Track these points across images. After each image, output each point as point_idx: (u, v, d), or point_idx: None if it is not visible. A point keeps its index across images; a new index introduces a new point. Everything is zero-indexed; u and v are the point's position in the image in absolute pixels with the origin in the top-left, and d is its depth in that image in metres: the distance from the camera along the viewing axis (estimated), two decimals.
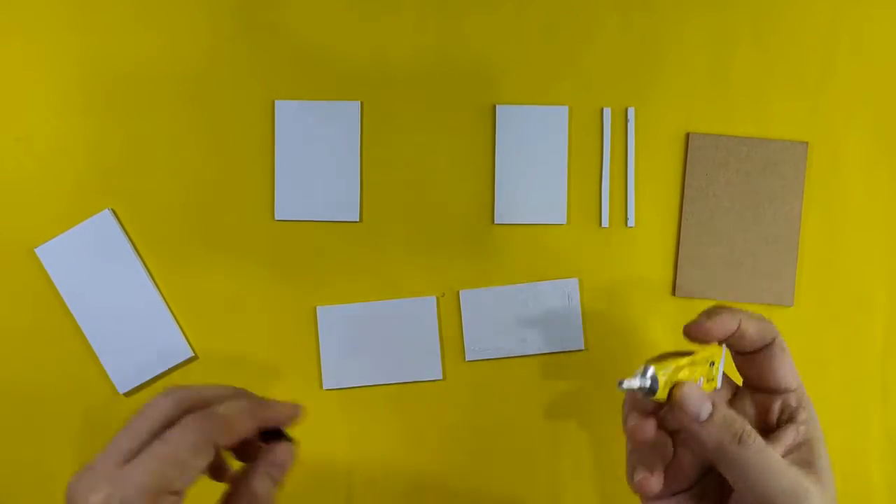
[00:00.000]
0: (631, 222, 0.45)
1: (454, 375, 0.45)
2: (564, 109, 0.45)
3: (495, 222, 0.45)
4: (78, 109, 0.45)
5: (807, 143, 0.45)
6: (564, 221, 0.45)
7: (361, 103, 0.45)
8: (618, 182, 0.45)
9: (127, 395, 0.45)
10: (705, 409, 0.32)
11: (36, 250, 0.44)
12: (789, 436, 0.33)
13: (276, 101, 0.45)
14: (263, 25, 0.45)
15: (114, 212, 0.45)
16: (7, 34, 0.45)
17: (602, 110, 0.45)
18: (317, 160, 0.45)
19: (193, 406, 0.34)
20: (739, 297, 0.45)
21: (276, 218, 0.45)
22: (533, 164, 0.45)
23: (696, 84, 0.45)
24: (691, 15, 0.45)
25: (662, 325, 0.45)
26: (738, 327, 0.34)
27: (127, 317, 0.44)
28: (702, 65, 0.45)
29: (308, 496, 0.45)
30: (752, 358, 0.35)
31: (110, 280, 0.44)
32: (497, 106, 0.45)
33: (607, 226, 0.45)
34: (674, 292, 0.45)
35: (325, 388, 0.45)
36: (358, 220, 0.45)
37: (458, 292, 0.45)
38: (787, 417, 0.34)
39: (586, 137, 0.45)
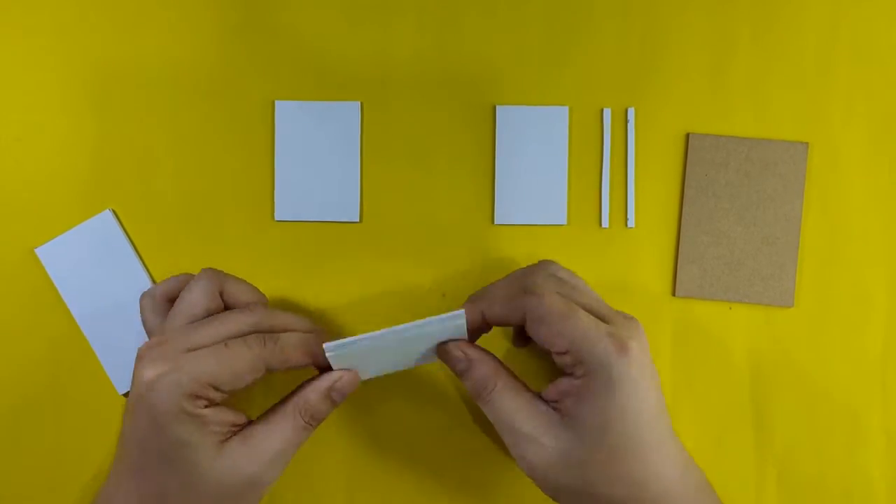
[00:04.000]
0: (631, 222, 0.45)
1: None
2: (564, 109, 0.45)
3: (495, 222, 0.45)
4: (78, 109, 0.45)
5: (807, 143, 0.45)
6: (564, 222, 0.45)
7: (361, 103, 0.45)
8: (618, 182, 0.45)
9: (126, 395, 0.45)
10: (459, 368, 0.38)
11: (36, 250, 0.44)
12: (564, 383, 0.36)
13: (276, 101, 0.45)
14: (263, 25, 0.45)
15: (114, 212, 0.45)
16: (7, 34, 0.45)
17: (602, 110, 0.45)
18: (317, 160, 0.45)
19: (263, 327, 0.38)
20: (739, 297, 0.45)
21: (276, 218, 0.45)
22: (533, 164, 0.45)
23: (696, 84, 0.45)
24: (691, 15, 0.45)
25: (662, 325, 0.45)
26: (483, 317, 0.38)
27: (127, 317, 0.44)
28: (702, 65, 0.45)
29: (308, 496, 0.45)
30: (522, 328, 0.38)
31: (110, 280, 0.44)
32: (497, 106, 0.45)
33: (607, 226, 0.45)
34: (674, 292, 0.45)
35: None
36: (358, 220, 0.45)
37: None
38: (568, 371, 0.36)
39: (586, 137, 0.45)
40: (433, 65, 0.45)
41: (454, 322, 0.36)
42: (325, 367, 0.38)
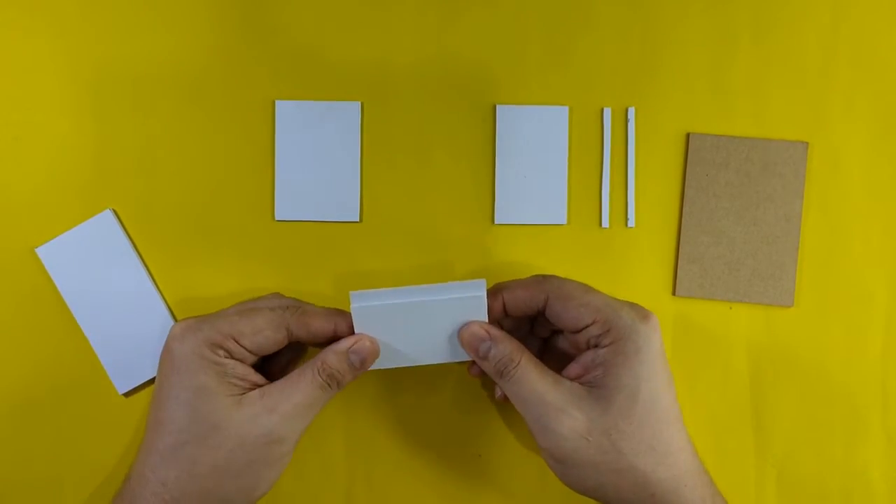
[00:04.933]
0: (631, 222, 0.45)
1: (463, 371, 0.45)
2: (564, 109, 0.45)
3: (495, 222, 0.45)
4: (78, 109, 0.45)
5: (807, 143, 0.45)
6: (564, 221, 0.45)
7: (361, 103, 0.45)
8: (618, 182, 0.45)
9: (126, 395, 0.45)
10: (483, 348, 0.38)
11: (36, 250, 0.44)
12: (587, 358, 0.38)
13: (276, 101, 0.45)
14: (263, 25, 0.45)
15: (115, 212, 0.45)
16: (7, 34, 0.45)
17: (602, 110, 0.45)
18: (317, 160, 0.45)
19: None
20: (739, 297, 0.45)
21: (276, 218, 0.45)
22: (533, 164, 0.45)
23: (696, 84, 0.45)
24: (691, 15, 0.45)
25: (662, 325, 0.45)
26: (503, 305, 0.39)
27: (127, 317, 0.44)
28: (702, 65, 0.45)
29: (308, 496, 0.45)
30: (542, 314, 0.39)
31: (111, 280, 0.44)
32: (497, 106, 0.45)
33: (607, 226, 0.45)
34: (674, 292, 0.45)
35: None
36: (358, 220, 0.45)
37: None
38: (593, 343, 0.38)
39: (586, 137, 0.45)
40: (433, 65, 0.45)
41: (475, 293, 0.38)
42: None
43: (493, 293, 0.40)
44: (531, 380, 0.37)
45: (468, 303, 0.38)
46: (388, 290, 0.38)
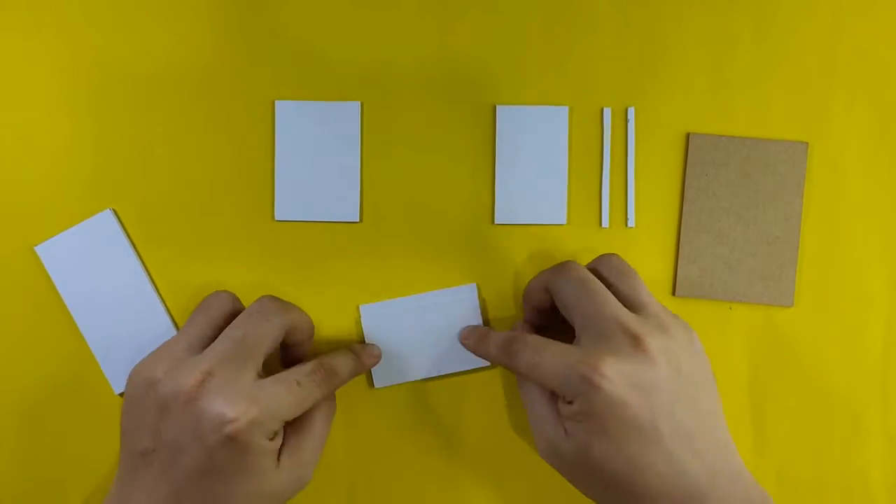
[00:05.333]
0: (631, 222, 0.45)
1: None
2: (564, 109, 0.45)
3: (495, 222, 0.45)
4: (78, 109, 0.45)
5: (807, 143, 0.45)
6: (564, 221, 0.45)
7: (361, 103, 0.45)
8: (618, 182, 0.45)
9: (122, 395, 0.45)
10: (471, 337, 0.43)
11: (36, 249, 0.44)
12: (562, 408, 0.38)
13: (276, 101, 0.45)
14: (263, 25, 0.45)
15: (115, 212, 0.45)
16: (7, 34, 0.45)
17: (602, 110, 0.45)
18: (317, 160, 0.45)
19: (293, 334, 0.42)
20: (739, 297, 0.45)
21: (276, 218, 0.45)
22: (533, 164, 0.45)
23: (696, 84, 0.45)
24: (691, 15, 0.45)
25: None
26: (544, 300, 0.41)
27: (125, 317, 0.44)
28: (702, 65, 0.45)
29: (308, 496, 0.45)
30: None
31: (110, 280, 0.44)
32: (497, 106, 0.45)
33: (607, 226, 0.45)
34: (674, 292, 0.45)
35: None
36: (358, 220, 0.45)
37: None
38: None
39: (586, 137, 0.45)
40: (433, 65, 0.45)
41: (468, 294, 0.44)
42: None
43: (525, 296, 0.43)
44: (529, 395, 0.40)
45: (462, 299, 0.43)
46: (392, 300, 0.44)
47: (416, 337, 0.44)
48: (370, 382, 0.45)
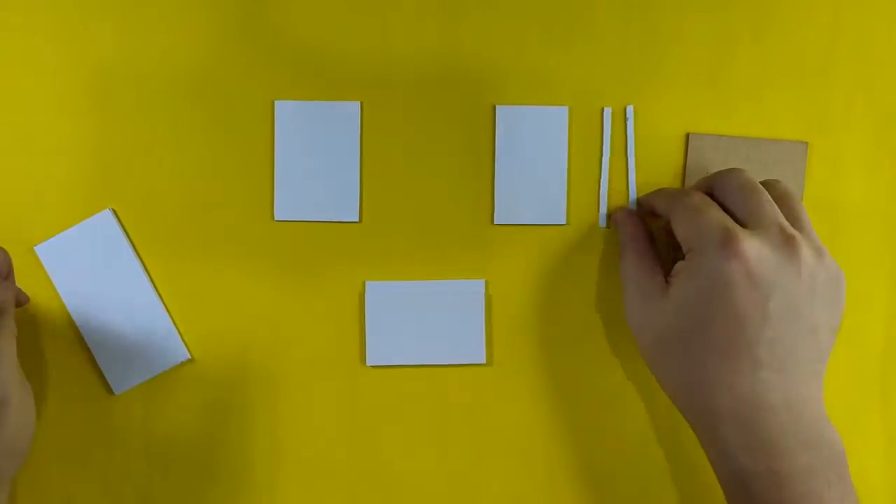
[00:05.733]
0: None
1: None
2: (564, 109, 0.45)
3: (495, 222, 0.45)
4: (78, 109, 0.45)
5: (807, 143, 0.45)
6: (564, 222, 0.45)
7: (361, 103, 0.45)
8: (618, 182, 0.45)
9: (122, 395, 0.45)
10: (617, 219, 0.44)
11: (35, 248, 0.44)
12: (678, 264, 0.40)
13: (276, 101, 0.45)
14: (263, 25, 0.45)
15: (114, 212, 0.45)
16: (7, 34, 0.45)
17: (602, 110, 0.45)
18: (317, 160, 0.45)
19: None
20: None
21: (276, 218, 0.45)
22: (533, 164, 0.45)
23: (696, 84, 0.45)
24: (691, 15, 0.45)
25: None
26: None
27: (124, 318, 0.44)
28: (702, 65, 0.45)
29: (308, 496, 0.45)
30: None
31: (109, 280, 0.44)
32: (497, 106, 0.45)
33: (607, 226, 0.45)
34: None
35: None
36: (358, 220, 0.45)
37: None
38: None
39: (586, 137, 0.45)
40: (433, 65, 0.45)
41: (476, 288, 0.44)
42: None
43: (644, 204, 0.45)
44: (627, 265, 0.42)
45: (468, 298, 0.44)
46: (400, 282, 0.45)
47: (417, 321, 0.45)
48: (363, 359, 0.45)
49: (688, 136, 0.45)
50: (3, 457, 0.38)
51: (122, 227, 0.45)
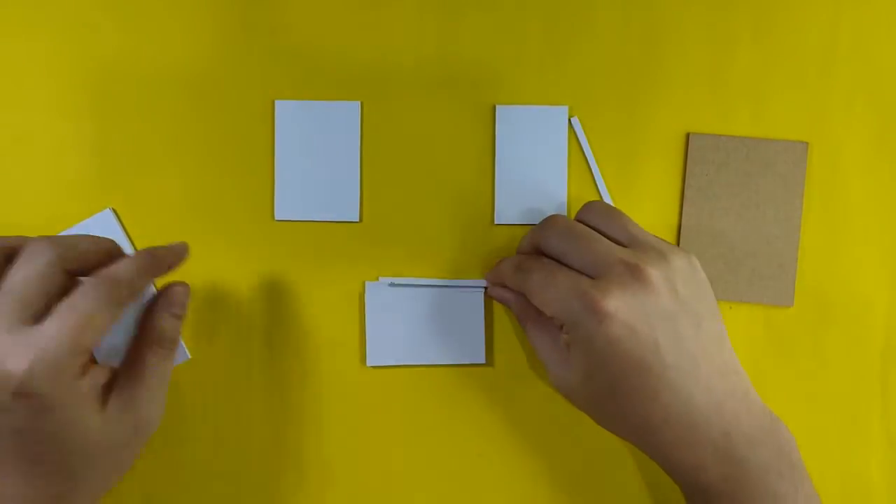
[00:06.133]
0: None
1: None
2: (564, 109, 0.45)
3: (495, 222, 0.45)
4: (78, 109, 0.45)
5: (807, 143, 0.45)
6: None
7: (361, 103, 0.45)
8: (618, 182, 0.45)
9: None
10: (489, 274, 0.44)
11: None
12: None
13: (276, 101, 0.45)
14: (263, 25, 0.45)
15: (114, 211, 0.45)
16: (7, 34, 0.45)
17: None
18: (317, 160, 0.45)
19: (74, 263, 0.36)
20: (739, 297, 0.45)
21: (276, 218, 0.45)
22: (533, 164, 0.45)
23: (696, 84, 0.45)
24: (691, 15, 0.45)
25: None
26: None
27: (125, 317, 0.44)
28: (702, 65, 0.45)
29: (308, 495, 0.45)
30: None
31: None
32: (497, 106, 0.45)
33: None
34: None
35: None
36: (358, 220, 0.45)
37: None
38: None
39: (586, 137, 0.45)
40: (433, 65, 0.45)
41: (476, 289, 0.44)
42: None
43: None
44: (531, 337, 0.42)
45: (469, 299, 0.44)
46: (399, 278, 0.44)
47: (417, 322, 0.45)
48: (363, 360, 0.45)
49: (688, 136, 0.45)
50: (117, 474, 0.39)
51: (123, 226, 0.45)
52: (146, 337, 0.40)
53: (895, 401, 0.45)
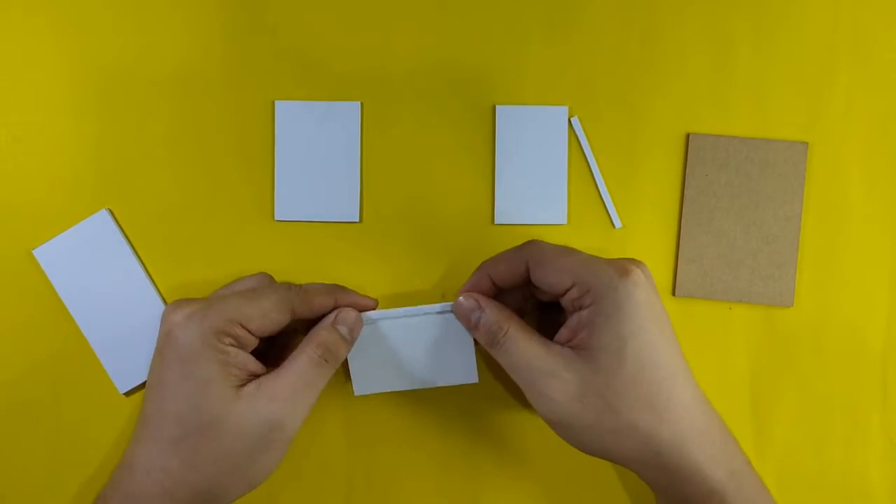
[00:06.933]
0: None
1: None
2: (564, 109, 0.45)
3: (495, 222, 0.45)
4: (76, 109, 0.45)
5: (807, 143, 0.45)
6: (564, 222, 0.45)
7: (361, 103, 0.45)
8: (618, 182, 0.45)
9: (127, 394, 0.45)
10: (473, 317, 0.39)
11: (34, 252, 0.44)
12: (573, 320, 0.37)
13: (276, 101, 0.45)
14: (263, 26, 0.45)
15: (111, 212, 0.45)
16: (8, 34, 0.45)
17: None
18: (317, 160, 0.45)
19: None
20: (739, 297, 0.45)
21: (276, 218, 0.45)
22: (533, 164, 0.45)
23: (696, 84, 0.45)
24: (691, 15, 0.45)
25: None
26: (490, 280, 0.40)
27: (126, 317, 0.44)
28: (702, 65, 0.45)
29: (308, 496, 0.45)
30: (528, 282, 0.40)
31: (109, 280, 0.44)
32: (497, 106, 0.45)
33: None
34: (674, 292, 0.45)
35: None
36: (358, 220, 0.45)
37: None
38: (577, 305, 0.37)
39: (586, 137, 0.45)
40: (433, 65, 0.45)
41: (450, 314, 0.41)
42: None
43: (478, 270, 0.41)
44: (520, 347, 0.38)
45: (450, 318, 0.41)
46: (379, 311, 0.41)
47: (401, 350, 0.42)
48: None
49: (688, 136, 0.45)
50: (252, 471, 0.38)
51: (120, 227, 0.45)
52: (306, 341, 0.40)
53: (895, 401, 0.45)
